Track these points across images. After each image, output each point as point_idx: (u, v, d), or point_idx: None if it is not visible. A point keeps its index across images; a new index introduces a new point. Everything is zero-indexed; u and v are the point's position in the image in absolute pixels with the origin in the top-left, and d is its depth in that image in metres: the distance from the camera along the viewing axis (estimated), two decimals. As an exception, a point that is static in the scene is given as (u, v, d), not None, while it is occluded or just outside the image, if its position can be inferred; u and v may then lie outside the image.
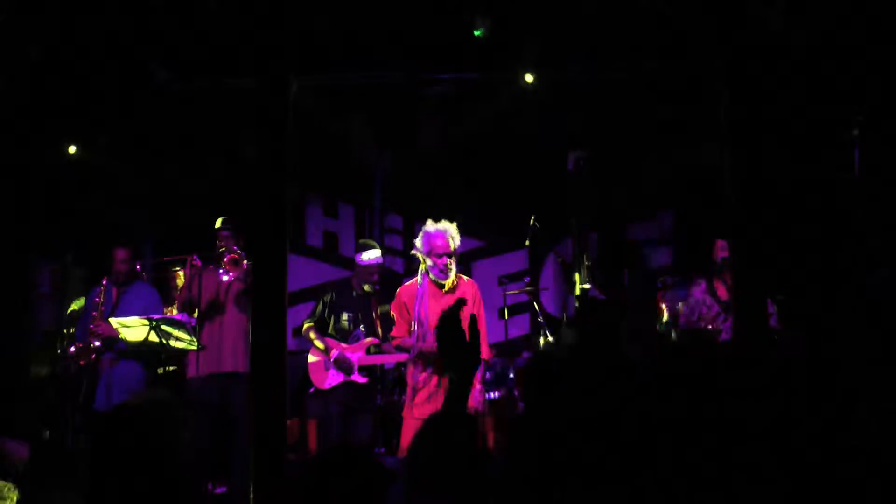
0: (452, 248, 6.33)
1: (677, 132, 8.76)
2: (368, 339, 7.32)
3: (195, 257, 7.31)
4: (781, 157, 7.64)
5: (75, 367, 7.50)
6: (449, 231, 6.33)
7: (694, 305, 7.39)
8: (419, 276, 6.44)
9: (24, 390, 8.21)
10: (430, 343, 6.29)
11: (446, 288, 6.36)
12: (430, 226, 6.36)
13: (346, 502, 2.64)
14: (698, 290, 7.45)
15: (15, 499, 3.48)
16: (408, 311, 6.44)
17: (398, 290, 6.58)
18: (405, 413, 6.43)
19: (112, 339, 7.38)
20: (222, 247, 7.21)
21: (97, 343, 7.43)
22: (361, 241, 8.07)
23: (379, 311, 7.51)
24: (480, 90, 8.60)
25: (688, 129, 8.59)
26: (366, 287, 7.44)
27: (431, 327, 6.26)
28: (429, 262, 6.34)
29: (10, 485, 3.51)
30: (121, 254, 7.67)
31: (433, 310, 6.27)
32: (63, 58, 7.39)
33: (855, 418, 2.59)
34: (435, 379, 6.29)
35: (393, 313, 6.61)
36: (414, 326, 6.37)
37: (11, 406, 7.91)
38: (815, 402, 2.59)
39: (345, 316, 7.35)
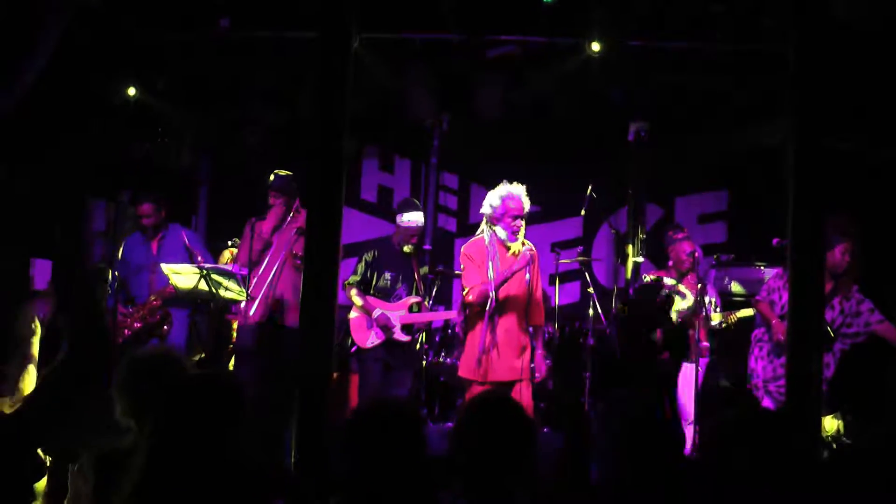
0: (525, 210, 6.27)
1: (741, 108, 8.57)
2: (412, 298, 7.26)
3: (254, 220, 7.23)
4: (848, 134, 7.46)
5: (131, 329, 7.42)
6: (522, 194, 6.28)
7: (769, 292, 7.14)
8: (486, 236, 6.36)
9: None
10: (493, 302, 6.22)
11: (512, 251, 6.30)
12: (505, 188, 6.28)
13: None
14: (773, 277, 7.24)
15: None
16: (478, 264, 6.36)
17: (463, 248, 6.47)
18: (470, 375, 6.29)
19: (170, 296, 7.39)
20: (273, 202, 7.19)
21: (159, 314, 7.41)
22: (404, 199, 7.96)
23: (421, 272, 7.42)
24: (544, 54, 8.45)
25: (752, 105, 8.40)
26: (406, 248, 7.35)
27: (494, 287, 6.20)
28: (500, 224, 6.27)
29: None
30: (145, 208, 7.59)
31: (498, 270, 6.23)
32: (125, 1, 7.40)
33: None
34: (503, 337, 6.23)
35: (463, 264, 6.48)
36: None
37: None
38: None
39: (387, 275, 7.28)
